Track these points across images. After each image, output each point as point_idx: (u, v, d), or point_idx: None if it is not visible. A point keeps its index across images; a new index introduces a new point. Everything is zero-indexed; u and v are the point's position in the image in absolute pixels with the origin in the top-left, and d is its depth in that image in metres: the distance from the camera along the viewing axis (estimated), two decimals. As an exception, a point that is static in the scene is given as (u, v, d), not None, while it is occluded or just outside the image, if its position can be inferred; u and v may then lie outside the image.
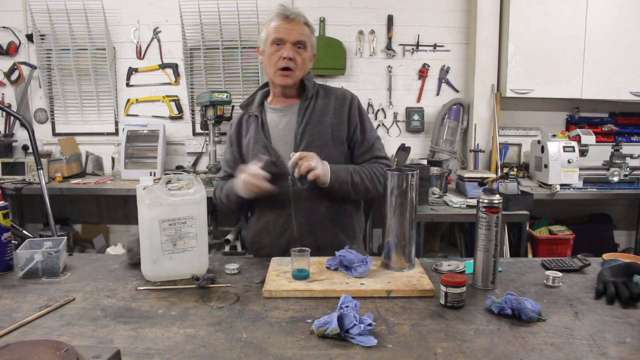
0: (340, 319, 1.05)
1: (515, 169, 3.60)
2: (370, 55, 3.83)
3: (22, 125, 3.29)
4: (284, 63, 1.64)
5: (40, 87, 3.89)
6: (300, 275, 1.38)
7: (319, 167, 1.54)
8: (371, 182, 1.67)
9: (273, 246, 1.70)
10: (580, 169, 3.40)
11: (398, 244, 1.44)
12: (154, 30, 3.85)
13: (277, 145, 1.69)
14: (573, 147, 3.37)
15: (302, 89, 1.75)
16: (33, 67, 3.83)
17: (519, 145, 3.93)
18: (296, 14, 1.65)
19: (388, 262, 1.46)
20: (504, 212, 1.36)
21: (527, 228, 3.13)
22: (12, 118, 3.86)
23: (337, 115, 1.71)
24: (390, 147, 3.72)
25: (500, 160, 3.77)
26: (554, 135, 3.51)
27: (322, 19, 3.79)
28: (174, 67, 3.89)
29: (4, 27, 3.82)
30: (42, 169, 3.13)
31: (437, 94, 3.91)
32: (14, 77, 3.83)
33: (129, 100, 3.93)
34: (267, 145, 1.69)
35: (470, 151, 3.77)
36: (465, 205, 2.99)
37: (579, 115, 3.92)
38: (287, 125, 1.71)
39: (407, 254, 1.44)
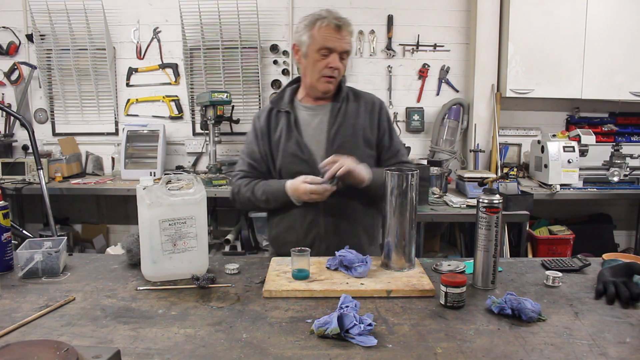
0: (340, 319, 1.05)
1: (515, 169, 3.60)
2: (370, 55, 3.84)
3: (22, 125, 3.29)
4: (330, 72, 1.64)
5: (40, 87, 3.89)
6: (300, 275, 1.38)
7: (351, 164, 1.55)
8: None
9: (298, 244, 1.65)
10: (580, 169, 3.40)
11: (398, 244, 1.44)
12: (154, 30, 3.85)
13: (310, 144, 1.70)
14: (573, 147, 3.37)
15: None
16: (33, 67, 3.83)
17: (519, 145, 3.93)
18: (346, 23, 1.63)
19: (388, 262, 1.46)
20: (504, 212, 1.36)
21: (527, 228, 3.13)
22: (12, 118, 3.86)
23: (367, 120, 1.73)
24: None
25: (500, 160, 3.77)
26: (554, 135, 3.51)
27: (322, 19, 3.79)
28: (174, 67, 3.89)
29: (4, 27, 3.82)
30: (42, 169, 3.13)
31: (437, 94, 3.91)
32: (14, 77, 3.83)
33: (129, 100, 3.93)
34: (299, 142, 1.69)
35: (470, 151, 3.77)
36: (465, 205, 2.99)
37: (579, 115, 3.92)
38: (319, 125, 1.72)
39: (407, 254, 1.44)
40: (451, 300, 1.21)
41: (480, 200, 1.33)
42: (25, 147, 3.85)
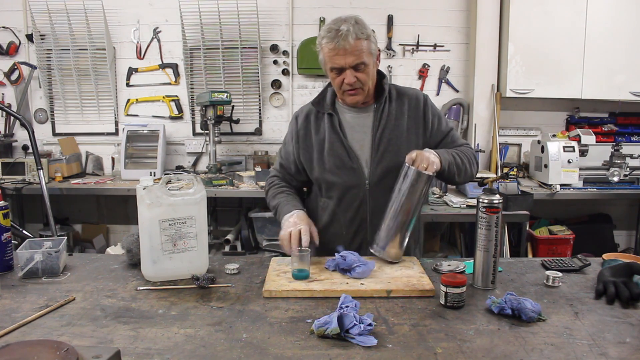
0: (340, 319, 1.05)
1: (515, 169, 3.61)
2: (370, 55, 3.83)
3: (22, 125, 3.30)
4: (348, 87, 1.59)
5: (40, 87, 3.89)
6: (300, 275, 1.38)
7: (431, 157, 1.51)
8: (468, 163, 1.66)
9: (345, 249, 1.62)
10: (580, 169, 3.40)
11: (387, 232, 1.48)
12: (154, 30, 3.86)
13: (356, 148, 1.66)
14: (573, 147, 3.37)
15: (374, 88, 1.71)
16: (33, 67, 3.83)
17: (519, 145, 3.93)
18: (345, 34, 1.51)
19: (373, 243, 1.51)
20: (504, 212, 1.36)
21: (527, 228, 3.13)
22: (12, 118, 3.86)
23: (412, 118, 1.68)
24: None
25: (500, 160, 3.77)
26: (554, 135, 3.51)
27: (322, 19, 3.80)
28: (174, 67, 3.89)
29: (4, 27, 3.83)
30: (42, 169, 3.13)
31: (437, 94, 3.91)
32: (14, 77, 3.83)
33: (129, 100, 3.93)
34: (346, 145, 1.65)
35: (470, 151, 3.77)
36: (465, 205, 2.99)
37: (579, 115, 3.92)
38: (363, 128, 1.68)
39: (397, 242, 1.48)
40: (451, 300, 1.21)
41: (480, 200, 1.33)
42: (25, 147, 3.85)
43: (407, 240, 1.53)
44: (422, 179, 1.46)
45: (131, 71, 3.91)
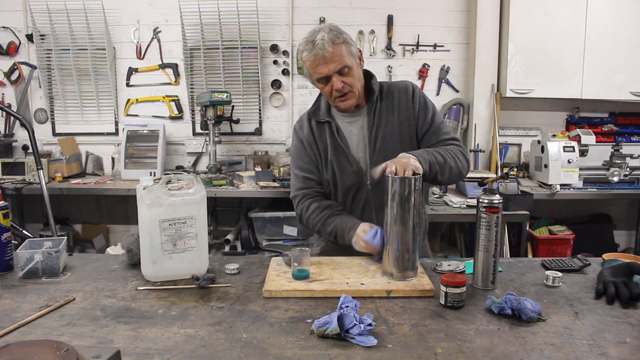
0: (340, 319, 1.05)
1: (515, 169, 3.61)
2: (371, 55, 3.83)
3: (22, 125, 3.29)
4: (338, 93, 1.61)
5: (40, 87, 3.89)
6: (300, 275, 1.38)
7: (410, 161, 1.43)
8: (452, 159, 1.60)
9: (351, 251, 1.61)
10: (580, 169, 3.40)
11: (400, 256, 1.37)
12: (154, 30, 3.85)
13: (355, 152, 1.69)
14: (573, 147, 3.37)
15: (364, 89, 1.71)
16: (33, 67, 3.83)
17: (519, 145, 3.93)
18: (322, 44, 1.53)
19: (390, 272, 1.40)
20: (504, 212, 1.35)
21: (527, 228, 3.13)
22: (12, 118, 3.86)
23: (403, 110, 1.69)
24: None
25: (500, 160, 3.77)
26: (554, 135, 3.51)
27: (322, 19, 3.80)
28: (174, 67, 3.89)
29: (4, 27, 3.82)
30: (42, 169, 3.13)
31: (437, 94, 3.91)
32: (14, 77, 3.83)
33: (129, 100, 3.93)
34: (346, 152, 1.68)
35: (470, 151, 3.77)
36: (465, 205, 2.99)
37: (579, 115, 3.92)
38: (361, 131, 1.70)
39: (410, 263, 1.38)
40: (451, 300, 1.21)
41: (480, 200, 1.33)
42: (25, 147, 3.85)
43: (418, 251, 1.43)
44: (407, 185, 1.35)
45: (131, 71, 3.91)
